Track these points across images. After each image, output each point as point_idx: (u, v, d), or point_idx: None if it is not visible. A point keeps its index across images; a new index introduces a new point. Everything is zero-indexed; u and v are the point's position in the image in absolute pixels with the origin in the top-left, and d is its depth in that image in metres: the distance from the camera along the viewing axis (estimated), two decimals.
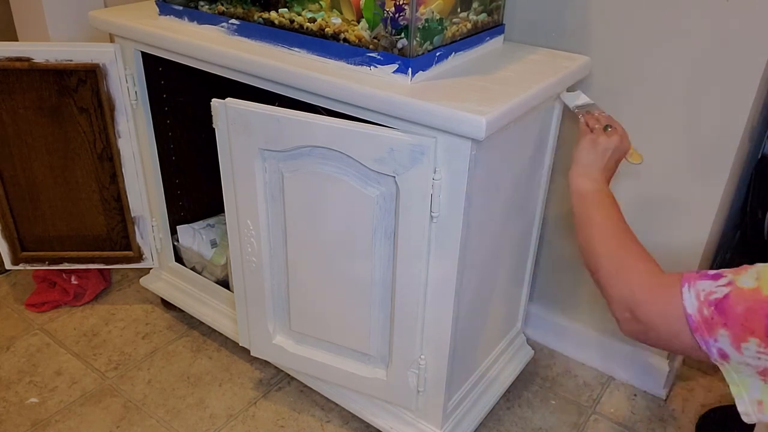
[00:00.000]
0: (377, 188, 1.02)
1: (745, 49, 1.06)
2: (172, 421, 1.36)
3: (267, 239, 1.18)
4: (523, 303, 1.42)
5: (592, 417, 1.39)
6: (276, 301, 1.25)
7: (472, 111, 0.89)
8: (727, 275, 0.68)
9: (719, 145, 1.15)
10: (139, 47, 1.30)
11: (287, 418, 1.38)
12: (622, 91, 1.21)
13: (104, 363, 1.51)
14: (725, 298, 0.66)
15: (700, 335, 0.67)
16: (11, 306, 1.69)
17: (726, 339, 0.65)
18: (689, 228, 1.25)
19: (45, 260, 1.60)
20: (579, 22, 1.20)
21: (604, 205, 0.87)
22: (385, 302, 1.13)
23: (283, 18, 1.09)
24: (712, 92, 1.12)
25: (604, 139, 0.95)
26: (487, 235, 1.11)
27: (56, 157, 1.46)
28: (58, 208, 1.53)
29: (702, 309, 0.67)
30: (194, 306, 1.55)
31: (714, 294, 0.67)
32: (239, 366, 1.50)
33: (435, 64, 1.03)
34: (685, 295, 0.69)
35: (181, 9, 1.24)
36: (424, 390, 1.18)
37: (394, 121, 0.98)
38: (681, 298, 0.69)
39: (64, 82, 1.37)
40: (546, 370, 1.51)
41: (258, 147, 1.08)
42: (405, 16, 0.95)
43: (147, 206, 1.52)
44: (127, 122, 1.41)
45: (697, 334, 0.67)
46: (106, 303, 1.71)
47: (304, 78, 1.03)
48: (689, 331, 0.68)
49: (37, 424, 1.35)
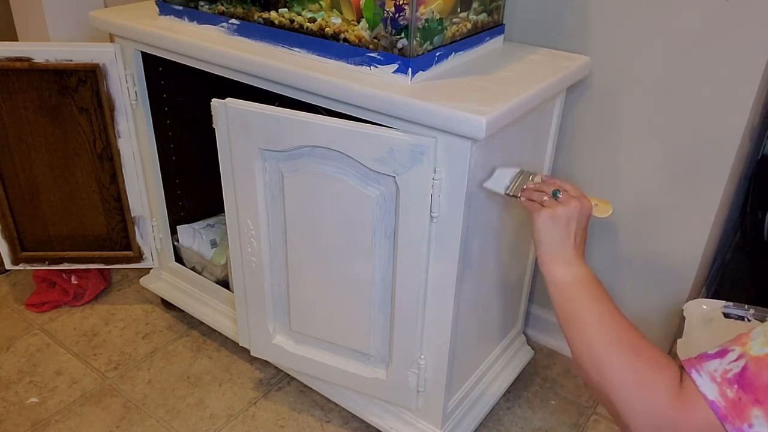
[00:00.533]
0: (377, 188, 1.02)
1: (745, 49, 1.06)
2: (172, 421, 1.36)
3: (267, 239, 1.18)
4: (523, 303, 1.42)
5: (592, 417, 1.39)
6: (276, 301, 1.25)
7: (472, 111, 0.89)
8: (733, 348, 0.59)
9: (719, 145, 1.15)
10: (139, 47, 1.30)
11: (287, 418, 1.38)
12: (622, 91, 1.21)
13: (104, 363, 1.51)
14: (744, 371, 0.57)
15: (731, 423, 0.57)
16: (11, 306, 1.69)
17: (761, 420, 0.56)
18: (689, 228, 1.25)
19: (45, 260, 1.60)
20: (579, 22, 1.20)
21: (593, 297, 0.74)
22: (385, 302, 1.13)
23: (283, 18, 1.09)
24: (712, 92, 1.12)
25: (561, 209, 0.81)
26: (487, 235, 1.11)
27: (56, 157, 1.46)
28: (58, 208, 1.53)
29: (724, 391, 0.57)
30: (194, 306, 1.55)
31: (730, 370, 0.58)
32: (239, 366, 1.50)
33: (435, 64, 1.03)
34: (699, 381, 0.59)
35: (181, 9, 1.24)
36: (424, 390, 1.18)
37: (394, 121, 0.98)
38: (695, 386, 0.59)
39: (64, 82, 1.37)
40: (546, 371, 1.51)
41: (258, 147, 1.08)
42: (405, 16, 0.95)
43: (147, 206, 1.52)
44: (127, 122, 1.41)
45: (728, 424, 0.57)
46: (106, 303, 1.71)
47: (304, 78, 1.03)
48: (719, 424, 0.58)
49: (37, 424, 1.35)
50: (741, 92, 1.09)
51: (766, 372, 0.56)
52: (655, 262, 1.32)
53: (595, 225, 1.37)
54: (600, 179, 1.32)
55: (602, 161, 1.30)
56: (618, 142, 1.26)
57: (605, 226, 1.36)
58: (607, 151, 1.29)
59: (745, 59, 1.06)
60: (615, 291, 1.41)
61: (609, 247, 1.38)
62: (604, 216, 0.90)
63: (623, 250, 1.36)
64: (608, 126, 1.26)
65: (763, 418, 0.55)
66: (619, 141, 1.26)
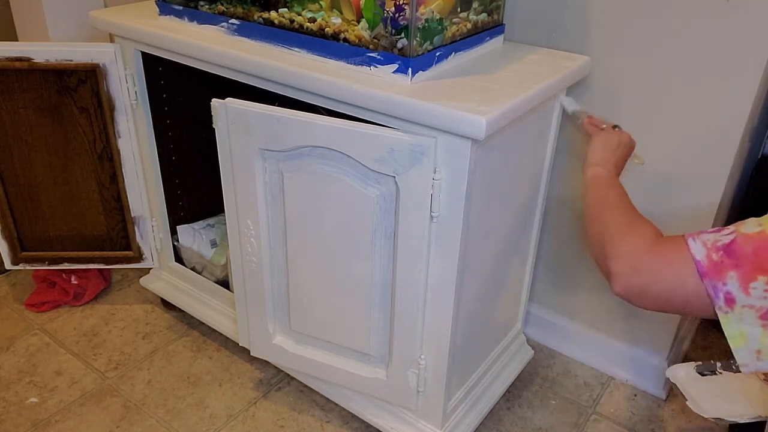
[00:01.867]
0: (377, 188, 1.02)
1: (745, 49, 1.06)
2: (172, 421, 1.36)
3: (267, 239, 1.18)
4: (523, 303, 1.42)
5: (592, 417, 1.39)
6: (276, 301, 1.25)
7: (472, 111, 0.89)
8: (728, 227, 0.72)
9: (719, 145, 1.15)
10: (139, 47, 1.30)
11: (287, 418, 1.38)
12: (622, 91, 1.21)
13: (104, 363, 1.51)
14: (732, 243, 0.69)
15: (710, 279, 0.69)
16: (11, 306, 1.69)
17: (735, 281, 0.68)
18: (689, 228, 1.25)
19: (45, 260, 1.60)
20: (579, 22, 1.20)
21: (618, 187, 0.93)
22: (385, 302, 1.13)
23: (283, 18, 1.09)
24: (712, 92, 1.12)
25: (615, 136, 1.02)
26: (487, 235, 1.11)
27: (56, 157, 1.46)
28: (58, 208, 1.53)
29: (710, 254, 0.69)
30: (194, 306, 1.55)
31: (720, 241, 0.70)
32: (239, 366, 1.50)
33: (435, 64, 1.03)
34: (692, 245, 0.72)
35: (181, 9, 1.24)
36: (424, 390, 1.18)
37: (394, 121, 0.98)
38: (688, 247, 0.72)
39: (64, 82, 1.37)
40: (546, 370, 1.51)
41: (258, 147, 1.08)
42: (405, 16, 0.95)
43: (147, 206, 1.52)
44: (127, 122, 1.41)
45: (706, 279, 0.70)
46: (106, 303, 1.71)
47: (304, 78, 1.03)
48: (698, 278, 0.70)
49: (37, 424, 1.35)
50: (741, 92, 1.09)
51: (750, 245, 0.68)
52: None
53: None
54: None
55: None
56: None
57: None
58: None
59: (745, 59, 1.06)
60: None
61: None
62: (639, 163, 1.13)
63: None
64: None
65: (736, 279, 0.68)
66: None
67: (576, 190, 1.37)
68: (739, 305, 0.69)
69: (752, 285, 0.68)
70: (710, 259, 0.70)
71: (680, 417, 1.39)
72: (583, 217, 1.38)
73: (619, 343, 1.45)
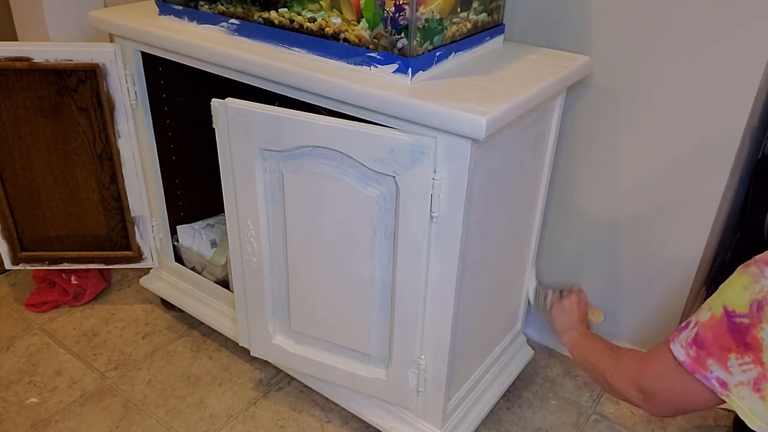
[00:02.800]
0: (377, 188, 1.02)
1: (745, 49, 1.06)
2: (172, 421, 1.36)
3: (267, 239, 1.18)
4: (523, 303, 1.42)
5: (592, 417, 1.39)
6: (276, 301, 1.25)
7: (472, 111, 0.89)
8: (692, 319, 0.80)
9: (719, 145, 1.15)
10: (139, 47, 1.30)
11: (287, 418, 1.38)
12: (622, 91, 1.21)
13: (104, 363, 1.51)
14: (697, 335, 0.77)
15: (699, 373, 0.76)
16: (11, 306, 1.69)
17: (716, 366, 0.75)
18: (689, 228, 1.25)
19: (45, 260, 1.60)
20: (579, 22, 1.20)
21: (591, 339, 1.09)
22: (385, 302, 1.12)
23: (283, 18, 1.09)
24: (712, 92, 1.12)
25: (566, 301, 1.21)
26: (487, 235, 1.11)
27: (56, 157, 1.46)
28: (58, 208, 1.53)
29: (688, 352, 0.77)
30: (194, 306, 1.55)
31: (690, 336, 0.78)
32: (239, 366, 1.50)
33: (435, 64, 1.03)
34: (674, 349, 0.80)
35: (181, 9, 1.24)
36: (424, 390, 1.18)
37: (394, 121, 0.98)
38: (671, 353, 0.80)
39: (64, 82, 1.37)
40: (546, 370, 1.51)
41: (258, 147, 1.08)
42: (405, 16, 0.95)
43: (147, 206, 1.52)
44: (127, 122, 1.41)
45: (696, 375, 0.76)
46: (106, 303, 1.71)
47: (304, 78, 1.03)
48: (690, 376, 0.77)
49: (37, 424, 1.35)
50: (741, 92, 1.09)
51: (709, 332, 0.76)
52: (656, 261, 1.32)
53: (596, 225, 1.37)
54: (600, 179, 1.32)
55: (602, 161, 1.30)
56: (618, 142, 1.26)
57: (606, 226, 1.36)
58: (606, 151, 1.29)
59: (745, 59, 1.06)
60: (615, 290, 1.41)
61: (610, 247, 1.38)
62: (597, 321, 1.27)
63: (624, 250, 1.36)
64: (608, 126, 1.26)
65: (716, 364, 0.75)
66: (618, 141, 1.26)
67: (576, 190, 1.37)
68: (732, 384, 0.74)
69: (729, 364, 0.73)
70: (690, 356, 0.77)
71: (680, 417, 1.39)
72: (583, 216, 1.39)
73: (619, 343, 1.45)
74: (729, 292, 0.76)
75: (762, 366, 0.71)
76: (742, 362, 0.72)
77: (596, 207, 1.36)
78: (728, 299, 0.75)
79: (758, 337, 0.71)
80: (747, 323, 0.72)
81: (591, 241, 1.40)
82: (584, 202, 1.37)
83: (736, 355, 0.73)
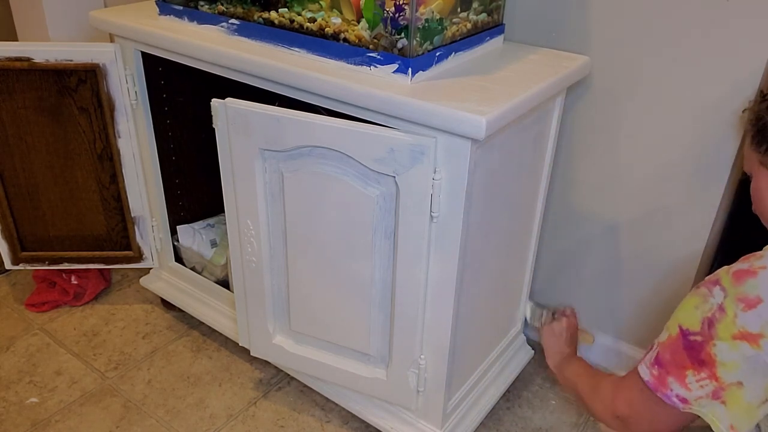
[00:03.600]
0: (377, 188, 1.02)
1: (745, 49, 1.06)
2: (172, 421, 1.36)
3: (267, 239, 1.18)
4: (523, 303, 1.42)
5: (592, 417, 1.39)
6: (276, 301, 1.25)
7: (472, 111, 0.89)
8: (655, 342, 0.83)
9: (719, 144, 1.15)
10: (139, 47, 1.30)
11: (287, 418, 1.38)
12: (622, 91, 1.21)
13: (104, 363, 1.51)
14: (657, 355, 0.80)
15: (661, 392, 0.79)
16: (11, 306, 1.69)
17: (675, 383, 0.77)
18: (690, 228, 1.25)
19: (45, 260, 1.60)
20: (579, 22, 1.20)
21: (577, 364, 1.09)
22: (385, 302, 1.12)
23: (283, 18, 1.09)
24: (712, 92, 1.12)
25: (556, 325, 1.22)
26: (487, 235, 1.11)
27: (56, 157, 1.46)
28: (58, 208, 1.53)
29: (652, 371, 0.81)
30: (194, 306, 1.55)
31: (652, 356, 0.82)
32: (239, 366, 1.50)
33: (435, 64, 1.03)
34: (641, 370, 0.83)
35: (181, 9, 1.24)
36: (424, 390, 1.18)
37: (394, 121, 0.98)
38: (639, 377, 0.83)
39: (64, 82, 1.37)
40: (546, 370, 1.51)
41: (258, 147, 1.08)
42: (405, 16, 0.95)
43: (147, 206, 1.52)
44: (127, 122, 1.41)
45: (659, 393, 0.79)
46: (106, 303, 1.71)
47: (304, 78, 1.03)
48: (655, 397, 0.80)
49: (37, 424, 1.35)
50: (741, 92, 1.09)
51: (667, 351, 0.79)
52: (656, 261, 1.32)
53: (595, 225, 1.37)
54: (600, 179, 1.32)
55: (602, 161, 1.30)
56: (618, 142, 1.26)
57: (605, 226, 1.36)
58: (606, 151, 1.29)
59: (746, 59, 1.06)
60: (615, 290, 1.41)
61: (609, 247, 1.38)
62: (587, 343, 1.29)
63: (623, 250, 1.36)
64: (608, 126, 1.26)
65: (676, 381, 0.78)
66: (618, 141, 1.26)
67: (576, 190, 1.37)
68: (693, 399, 0.77)
69: (687, 381, 0.76)
70: (653, 376, 0.80)
71: None
72: (583, 216, 1.38)
73: (620, 343, 1.45)
74: (682, 312, 0.81)
75: (717, 380, 0.74)
76: (699, 378, 0.75)
77: (596, 207, 1.36)
78: (682, 319, 0.79)
79: (711, 353, 0.74)
80: (700, 341, 0.75)
81: (591, 241, 1.40)
82: (584, 202, 1.37)
83: (693, 371, 0.76)
